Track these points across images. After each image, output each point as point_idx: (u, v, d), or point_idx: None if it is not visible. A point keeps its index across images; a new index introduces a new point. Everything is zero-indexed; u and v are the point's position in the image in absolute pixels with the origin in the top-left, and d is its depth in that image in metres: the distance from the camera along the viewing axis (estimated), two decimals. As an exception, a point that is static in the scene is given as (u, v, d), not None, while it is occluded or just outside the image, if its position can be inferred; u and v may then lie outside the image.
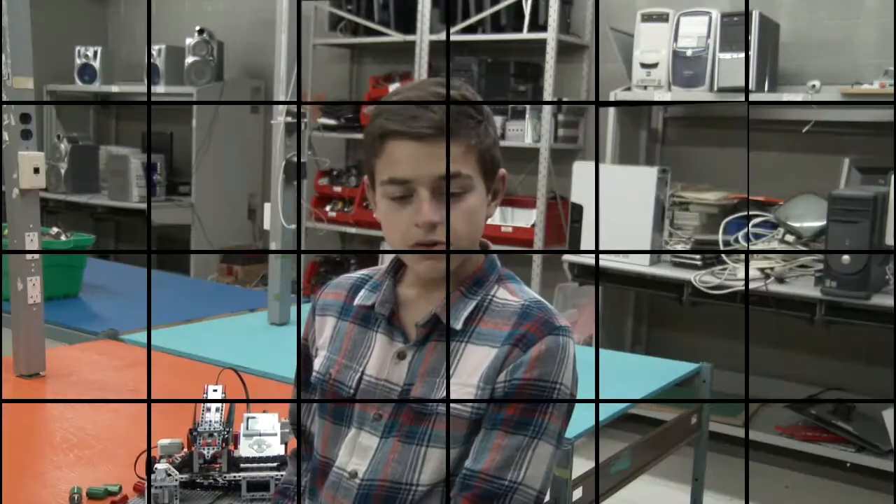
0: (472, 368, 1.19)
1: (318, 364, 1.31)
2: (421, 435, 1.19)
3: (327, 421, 1.28)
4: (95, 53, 5.94)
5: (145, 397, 2.13)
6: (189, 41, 5.47)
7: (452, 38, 4.50)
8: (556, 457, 1.20)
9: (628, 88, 3.86)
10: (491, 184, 1.25)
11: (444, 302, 1.22)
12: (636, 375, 2.56)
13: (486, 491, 1.15)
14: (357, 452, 1.23)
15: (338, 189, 5.01)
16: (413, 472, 1.19)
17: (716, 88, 3.60)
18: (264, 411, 1.67)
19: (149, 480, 1.44)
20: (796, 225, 3.42)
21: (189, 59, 5.47)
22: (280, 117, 2.92)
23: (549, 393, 1.17)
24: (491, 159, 1.23)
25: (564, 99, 4.34)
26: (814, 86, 3.42)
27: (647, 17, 3.77)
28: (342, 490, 1.23)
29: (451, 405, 1.18)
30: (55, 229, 3.24)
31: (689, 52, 3.66)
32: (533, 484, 1.17)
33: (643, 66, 3.77)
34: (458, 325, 1.22)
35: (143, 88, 5.77)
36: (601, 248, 3.67)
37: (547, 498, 1.75)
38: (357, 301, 1.30)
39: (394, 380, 1.23)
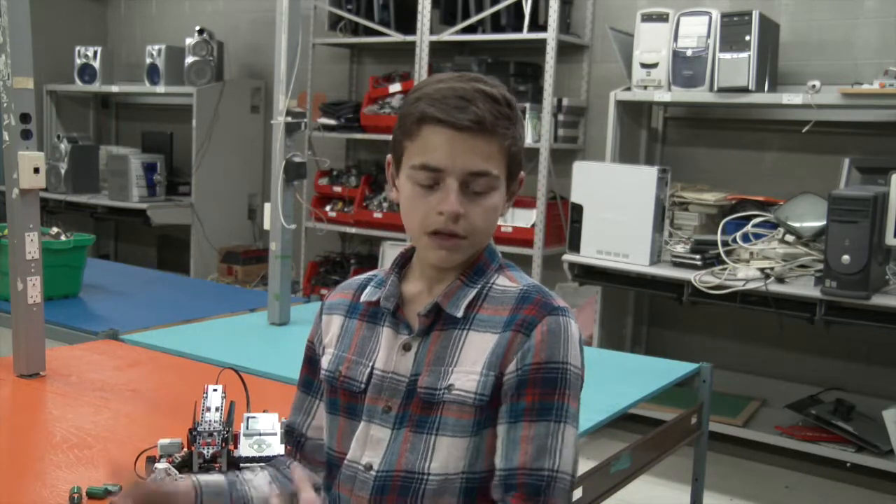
0: (475, 355, 1.20)
1: (325, 362, 1.32)
2: (430, 424, 1.20)
3: (342, 417, 1.29)
4: (95, 53, 5.95)
5: (146, 397, 2.13)
6: (189, 41, 5.48)
7: (452, 38, 4.50)
8: (577, 439, 1.21)
9: (628, 88, 3.86)
10: (511, 184, 1.26)
11: (445, 293, 1.24)
12: (636, 375, 2.56)
13: (530, 486, 1.15)
14: (369, 445, 1.24)
15: (338, 189, 5.01)
16: (424, 461, 1.19)
17: (716, 88, 3.60)
18: (264, 411, 1.67)
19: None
20: (796, 225, 3.41)
21: (189, 59, 5.47)
22: (280, 117, 2.92)
23: (560, 374, 1.17)
24: (517, 162, 1.25)
25: (564, 99, 4.35)
26: (814, 86, 3.42)
27: (647, 17, 3.77)
28: (358, 483, 1.23)
29: (455, 392, 1.19)
30: (55, 229, 3.24)
31: (689, 52, 3.66)
32: (567, 469, 1.17)
33: (643, 66, 3.77)
34: (459, 313, 1.23)
35: (143, 88, 5.77)
36: (603, 246, 3.68)
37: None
38: (363, 298, 1.32)
39: (401, 371, 1.24)
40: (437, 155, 1.18)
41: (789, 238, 3.42)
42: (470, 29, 4.43)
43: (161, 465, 1.48)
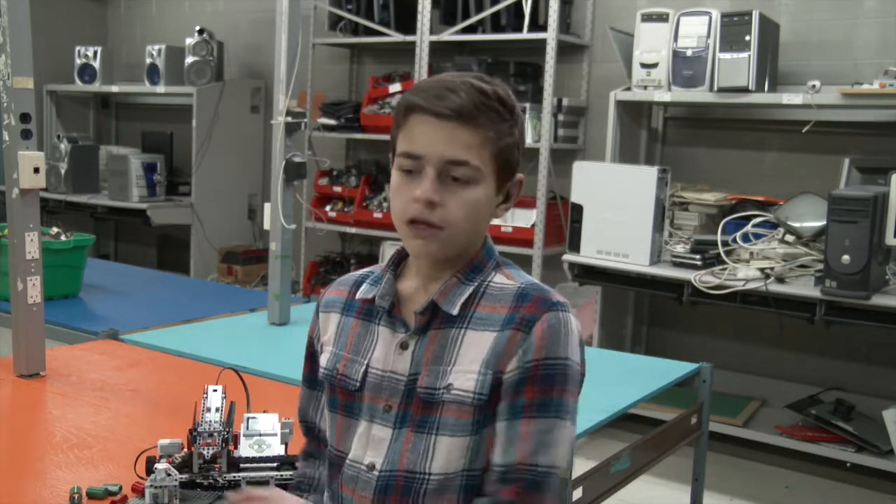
0: (473, 354, 1.20)
1: (324, 360, 1.33)
2: (430, 424, 1.20)
3: (339, 415, 1.29)
4: (95, 53, 5.95)
5: (146, 397, 2.13)
6: (189, 41, 5.48)
7: (452, 38, 4.50)
8: (574, 434, 1.21)
9: (628, 88, 3.86)
10: (504, 184, 1.26)
11: (441, 290, 1.24)
12: (636, 375, 2.56)
13: (528, 481, 1.16)
14: (371, 445, 1.24)
15: (338, 189, 5.01)
16: (425, 461, 1.20)
17: (716, 88, 3.60)
18: (265, 411, 1.67)
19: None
20: (796, 225, 3.42)
21: (189, 59, 5.47)
22: (280, 117, 2.92)
23: (560, 370, 1.17)
24: (507, 159, 1.23)
25: (564, 99, 4.35)
26: (814, 86, 3.42)
27: (647, 17, 3.77)
28: (361, 483, 1.24)
29: (454, 392, 1.19)
30: (55, 229, 3.24)
31: (689, 52, 3.66)
32: (563, 464, 1.18)
33: (643, 66, 3.77)
34: (455, 311, 1.22)
35: (143, 88, 5.77)
36: (603, 246, 3.68)
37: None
38: (359, 295, 1.32)
39: (399, 370, 1.24)
40: (418, 142, 1.19)
41: (789, 238, 3.42)
42: (470, 29, 4.43)
43: (161, 465, 1.48)
